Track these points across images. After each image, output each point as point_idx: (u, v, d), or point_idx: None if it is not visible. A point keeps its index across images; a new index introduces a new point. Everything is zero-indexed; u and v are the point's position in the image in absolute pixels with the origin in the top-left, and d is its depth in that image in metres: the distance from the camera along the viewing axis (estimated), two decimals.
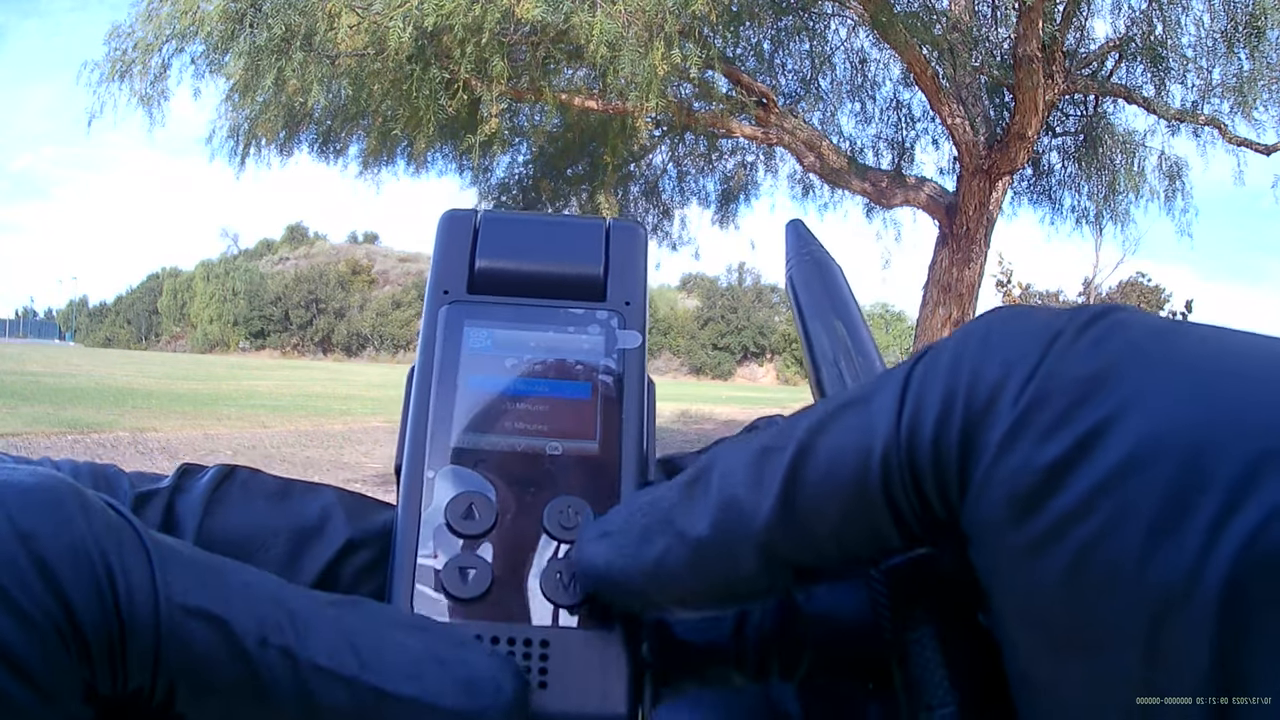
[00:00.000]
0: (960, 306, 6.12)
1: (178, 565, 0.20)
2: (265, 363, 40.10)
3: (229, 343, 56.91)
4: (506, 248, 0.30)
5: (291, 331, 57.13)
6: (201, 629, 0.19)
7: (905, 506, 0.19)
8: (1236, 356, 0.16)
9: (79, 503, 0.19)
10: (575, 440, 0.28)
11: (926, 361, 0.19)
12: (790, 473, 0.20)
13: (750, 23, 6.33)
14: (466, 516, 0.26)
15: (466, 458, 0.27)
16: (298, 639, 0.20)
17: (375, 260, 60.10)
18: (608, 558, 0.23)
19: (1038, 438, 0.17)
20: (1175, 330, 0.17)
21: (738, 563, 0.21)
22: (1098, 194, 7.10)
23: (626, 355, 0.29)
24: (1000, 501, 0.17)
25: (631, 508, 0.23)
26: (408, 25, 4.88)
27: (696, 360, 49.43)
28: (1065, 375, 0.17)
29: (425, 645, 0.22)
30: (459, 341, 0.29)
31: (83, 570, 0.18)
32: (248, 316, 56.62)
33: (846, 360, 0.27)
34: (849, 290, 0.29)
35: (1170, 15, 5.76)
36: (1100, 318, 0.18)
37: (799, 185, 8.08)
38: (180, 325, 61.01)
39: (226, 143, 6.70)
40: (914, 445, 0.19)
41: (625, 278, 0.30)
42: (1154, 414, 0.16)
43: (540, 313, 0.30)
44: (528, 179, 8.08)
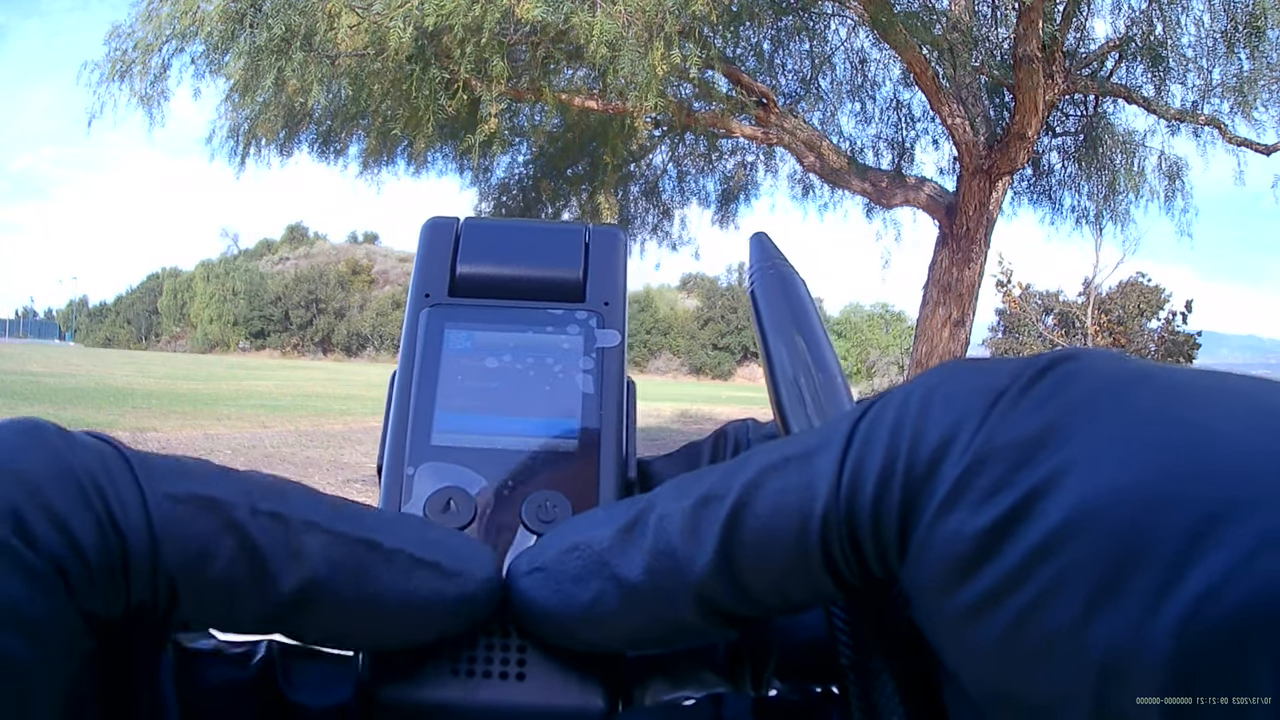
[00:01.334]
0: (960, 306, 6.12)
1: (162, 467, 0.20)
2: (265, 363, 40.09)
3: (229, 343, 56.90)
4: (487, 252, 0.31)
5: (291, 331, 57.11)
6: (192, 511, 0.20)
7: (844, 566, 0.19)
8: (1190, 411, 0.16)
9: (58, 432, 0.20)
10: (555, 438, 0.28)
11: (870, 419, 0.19)
12: (728, 526, 0.20)
13: (750, 23, 6.32)
14: (445, 510, 0.26)
15: (446, 454, 0.27)
16: (286, 504, 0.21)
17: (375, 260, 60.09)
18: (540, 596, 0.23)
19: (974, 503, 0.16)
20: (1126, 383, 0.17)
21: (674, 610, 0.21)
22: (1098, 194, 7.10)
23: (605, 354, 0.29)
24: (936, 567, 0.17)
25: (564, 543, 0.23)
26: (408, 25, 4.88)
27: (696, 360, 49.42)
28: (1005, 438, 0.17)
29: (410, 523, 0.23)
30: (440, 343, 0.29)
31: (74, 492, 0.19)
32: (248, 316, 56.59)
33: (806, 377, 0.27)
34: (812, 305, 0.29)
35: (1170, 15, 5.76)
36: (1046, 372, 0.17)
37: (799, 185, 8.08)
38: (180, 325, 60.99)
39: (226, 143, 6.71)
40: (854, 508, 0.18)
41: (604, 280, 0.31)
42: (1093, 478, 0.15)
43: (520, 314, 0.30)
44: (528, 179, 8.08)
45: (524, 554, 0.24)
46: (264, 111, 6.05)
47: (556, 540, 0.23)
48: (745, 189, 8.19)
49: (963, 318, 6.16)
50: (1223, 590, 0.13)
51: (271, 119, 6.17)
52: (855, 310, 45.69)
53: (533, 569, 0.23)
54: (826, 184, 7.21)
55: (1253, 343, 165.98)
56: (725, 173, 8.18)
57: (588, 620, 0.22)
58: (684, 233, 8.59)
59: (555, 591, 0.22)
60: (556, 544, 0.23)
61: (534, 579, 0.23)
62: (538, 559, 0.23)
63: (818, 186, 7.85)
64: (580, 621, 0.22)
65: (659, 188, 8.38)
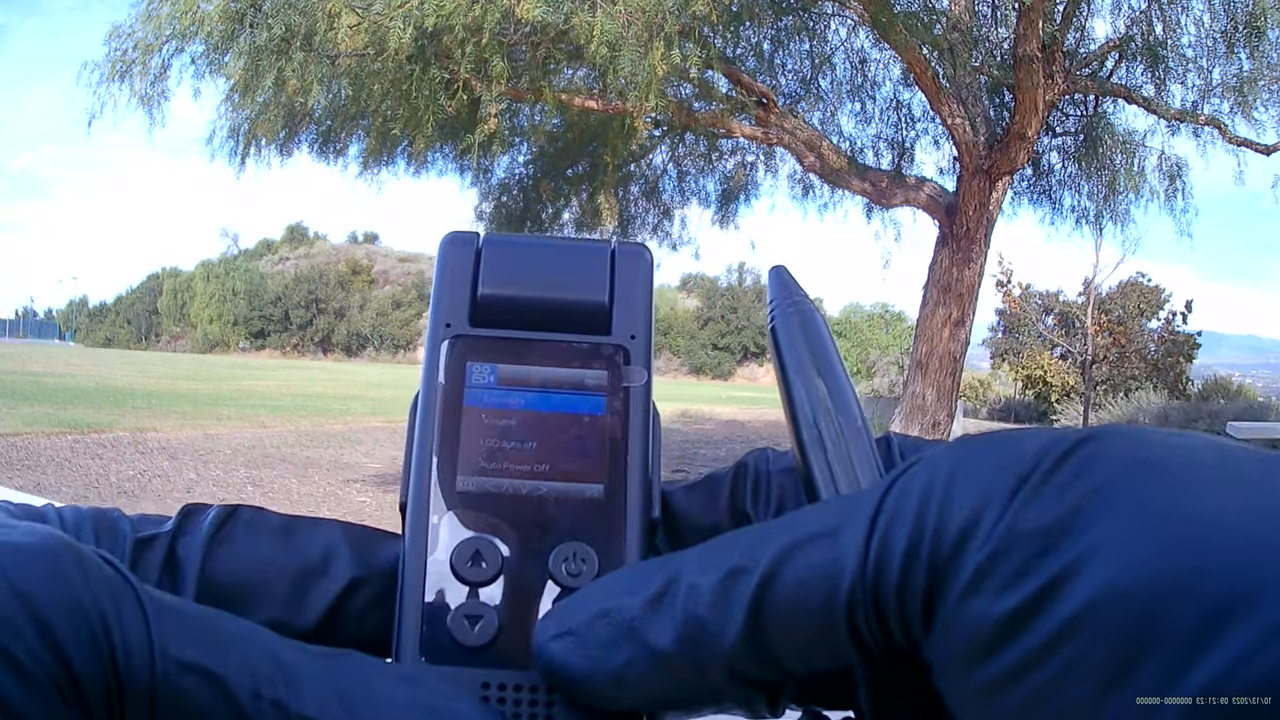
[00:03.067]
0: (960, 306, 6.12)
1: (173, 620, 0.20)
2: (265, 363, 40.09)
3: (229, 343, 56.89)
4: (509, 275, 0.30)
5: (291, 331, 57.10)
6: (197, 683, 0.20)
7: (868, 636, 0.20)
8: (1199, 505, 0.16)
9: (76, 561, 0.20)
10: (581, 483, 0.27)
11: (895, 496, 0.20)
12: (756, 599, 0.20)
13: (750, 23, 6.32)
14: (473, 563, 0.26)
15: (472, 502, 0.27)
16: (289, 691, 0.21)
17: (375, 260, 60.07)
18: (569, 660, 0.23)
19: (997, 589, 0.17)
20: (1148, 467, 0.17)
21: (703, 678, 0.21)
22: (1098, 194, 7.09)
23: (631, 393, 0.29)
24: (959, 645, 0.18)
25: (592, 608, 0.23)
26: (408, 25, 4.88)
27: (696, 360, 49.42)
28: (1028, 525, 0.17)
29: (414, 696, 0.22)
30: (462, 378, 0.29)
31: (80, 628, 0.19)
32: (248, 316, 56.59)
33: (827, 420, 0.27)
34: (833, 344, 0.29)
35: (1170, 15, 5.76)
36: (1069, 455, 0.18)
37: (799, 185, 8.08)
38: (180, 325, 60.98)
39: (226, 143, 6.70)
40: (880, 584, 0.19)
41: (630, 307, 0.30)
42: (1111, 565, 0.16)
43: (545, 347, 0.29)
44: (528, 179, 8.08)
45: (551, 616, 0.24)
46: (264, 111, 6.05)
47: (584, 605, 0.24)
48: (745, 189, 8.19)
49: (963, 318, 6.16)
50: (1230, 678, 0.14)
51: (271, 119, 6.17)
52: (855, 310, 45.67)
53: (562, 633, 0.24)
54: (826, 184, 7.21)
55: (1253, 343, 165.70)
56: (725, 173, 8.19)
57: (617, 685, 0.22)
58: (684, 233, 8.59)
59: (584, 657, 0.23)
60: (585, 608, 0.23)
61: (563, 644, 0.23)
62: (566, 622, 0.24)
63: (818, 186, 7.85)
64: (610, 685, 0.23)
65: (659, 188, 8.37)
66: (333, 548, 0.27)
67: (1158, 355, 16.18)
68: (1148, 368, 16.11)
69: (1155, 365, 16.09)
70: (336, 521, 0.28)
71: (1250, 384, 18.09)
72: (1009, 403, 19.33)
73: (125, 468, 7.06)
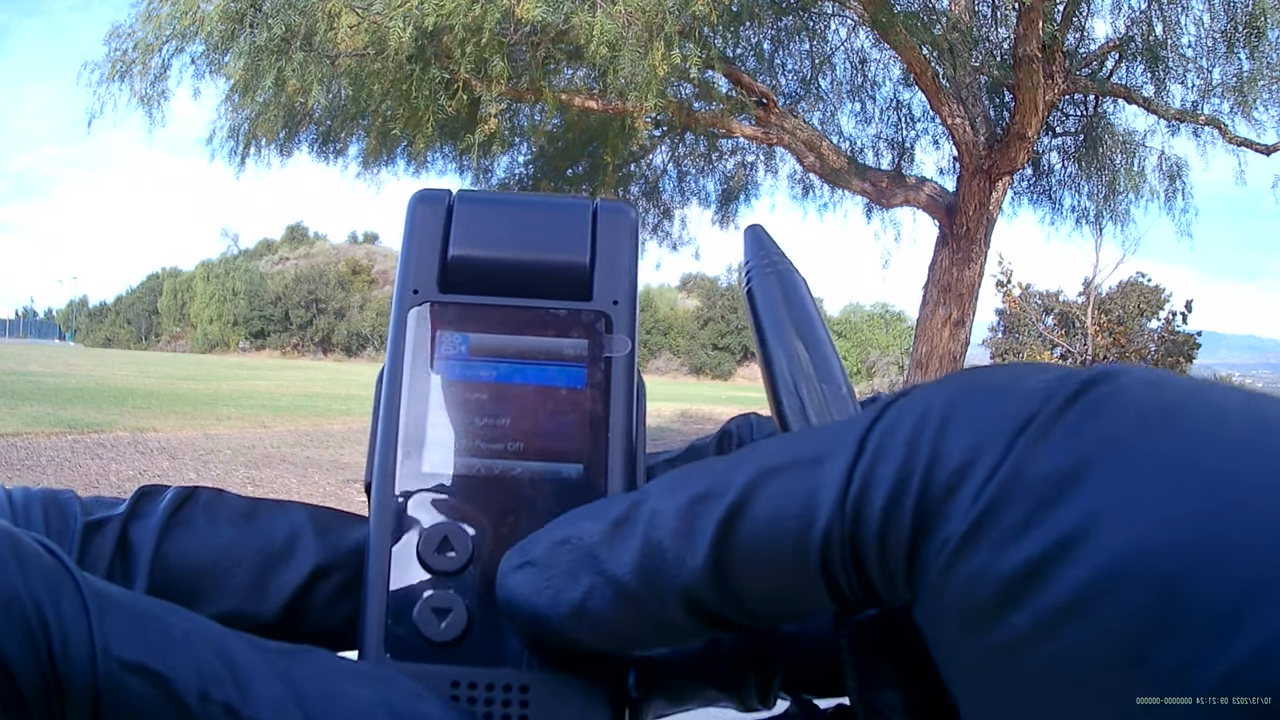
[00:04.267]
0: (960, 306, 6.12)
1: (117, 615, 0.19)
2: (265, 363, 40.09)
3: (229, 343, 56.90)
4: (482, 236, 0.27)
5: (291, 331, 57.11)
6: (141, 685, 0.19)
7: (844, 582, 0.18)
8: (1241, 449, 0.15)
9: (11, 548, 0.18)
10: (558, 462, 0.25)
11: (884, 426, 0.18)
12: (722, 529, 0.19)
13: (750, 23, 6.33)
14: (441, 550, 0.24)
15: (440, 484, 0.25)
16: (240, 694, 0.19)
17: (375, 260, 60.07)
18: (530, 592, 0.22)
19: (998, 542, 0.15)
20: (1170, 412, 0.15)
21: (662, 610, 0.20)
22: (1098, 194, 7.10)
23: (614, 364, 0.27)
24: (956, 607, 0.16)
25: (554, 536, 0.22)
26: (408, 25, 4.88)
27: (696, 360, 49.42)
28: (1034, 471, 0.15)
29: (377, 697, 0.21)
30: (431, 350, 0.26)
31: (15, 623, 0.17)
32: (248, 316, 56.60)
33: (807, 386, 0.25)
34: (814, 305, 0.27)
35: (1170, 15, 5.77)
36: (1081, 395, 0.16)
37: (799, 185, 8.09)
38: (180, 325, 60.99)
39: (226, 143, 6.71)
40: (859, 524, 0.17)
41: (613, 271, 0.28)
42: (1130, 527, 0.14)
43: (519, 315, 0.27)
44: (528, 179, 8.08)
45: (515, 548, 0.23)
46: (264, 111, 6.05)
47: (547, 534, 0.22)
48: (745, 189, 8.20)
49: (963, 318, 6.16)
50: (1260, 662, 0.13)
51: (271, 119, 6.18)
52: (855, 310, 45.68)
53: (523, 563, 0.22)
54: (826, 184, 7.22)
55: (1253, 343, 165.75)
56: (725, 173, 8.19)
57: (577, 618, 0.21)
58: (684, 233, 8.60)
59: (545, 587, 0.21)
60: (548, 537, 0.22)
61: (524, 574, 0.22)
62: (528, 552, 0.22)
63: (818, 186, 7.85)
64: (569, 619, 0.21)
65: (659, 188, 8.38)
66: (297, 532, 0.25)
67: (1158, 355, 16.18)
68: None
69: (1155, 365, 16.08)
70: (302, 504, 0.26)
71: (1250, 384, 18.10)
72: None
73: (125, 468, 7.06)
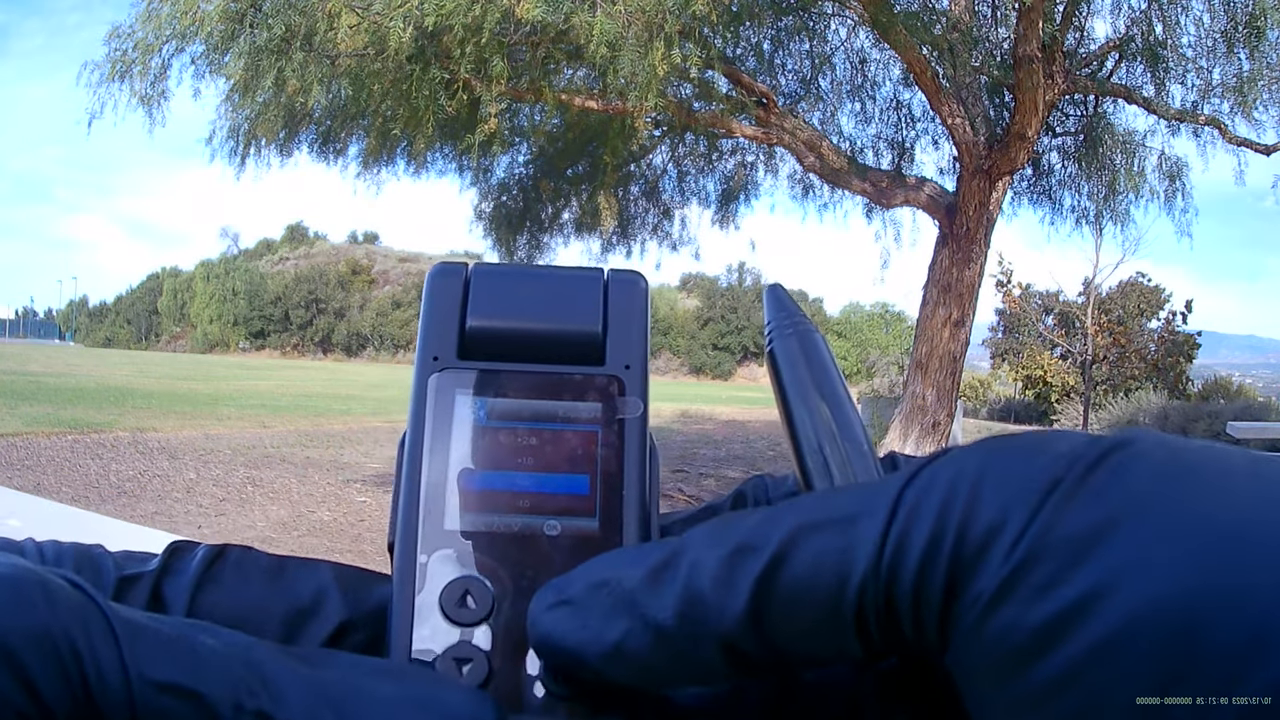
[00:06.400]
0: (960, 306, 6.12)
1: (146, 640, 0.20)
2: (265, 363, 40.10)
3: (229, 343, 56.90)
4: (498, 306, 0.29)
5: (291, 331, 57.11)
6: (175, 703, 0.19)
7: (875, 632, 0.19)
8: (1250, 506, 0.16)
9: (40, 587, 0.19)
10: (574, 519, 0.27)
11: (917, 489, 0.19)
12: (762, 581, 0.20)
13: (750, 23, 6.33)
14: (461, 603, 0.25)
15: (460, 540, 0.26)
16: (272, 701, 0.20)
17: (375, 260, 60.07)
18: (565, 631, 0.23)
19: (1029, 597, 0.17)
20: (1184, 474, 0.17)
21: (699, 654, 0.21)
22: (1098, 194, 7.10)
23: (627, 425, 0.28)
24: (987, 657, 0.17)
25: (591, 578, 0.23)
26: (408, 25, 4.88)
27: (696, 360, 49.43)
28: (1061, 532, 0.17)
29: (401, 690, 0.22)
30: (450, 413, 0.28)
31: (48, 657, 0.18)
32: (248, 316, 56.60)
33: (831, 445, 0.26)
34: (834, 365, 0.28)
35: (1170, 15, 5.77)
36: (1103, 460, 0.17)
37: (799, 185, 8.09)
38: (180, 325, 61.00)
39: (226, 143, 6.71)
40: (894, 581, 0.18)
41: (625, 337, 0.29)
42: (1149, 582, 0.16)
43: (535, 380, 0.28)
44: (528, 179, 8.08)
45: (549, 588, 0.23)
46: (264, 111, 6.05)
47: (583, 576, 0.23)
48: (745, 189, 8.20)
49: (963, 318, 6.16)
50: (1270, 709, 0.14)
51: (271, 119, 6.17)
52: (855, 310, 45.70)
53: (559, 602, 0.23)
54: (826, 184, 7.22)
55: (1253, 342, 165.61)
56: (725, 173, 8.19)
57: (613, 658, 0.22)
58: (684, 233, 8.60)
59: (581, 627, 0.22)
60: (584, 578, 0.23)
61: (560, 613, 0.23)
62: (564, 592, 0.23)
63: (818, 186, 7.86)
64: (605, 659, 0.22)
65: (659, 188, 8.38)
66: (323, 589, 0.27)
67: (1158, 355, 16.19)
68: (1148, 368, 16.12)
69: (1155, 365, 16.10)
70: (327, 562, 0.28)
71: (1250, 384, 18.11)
72: (1009, 403, 19.33)
73: (125, 468, 7.06)
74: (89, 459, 7.35)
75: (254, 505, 5.96)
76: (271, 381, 20.83)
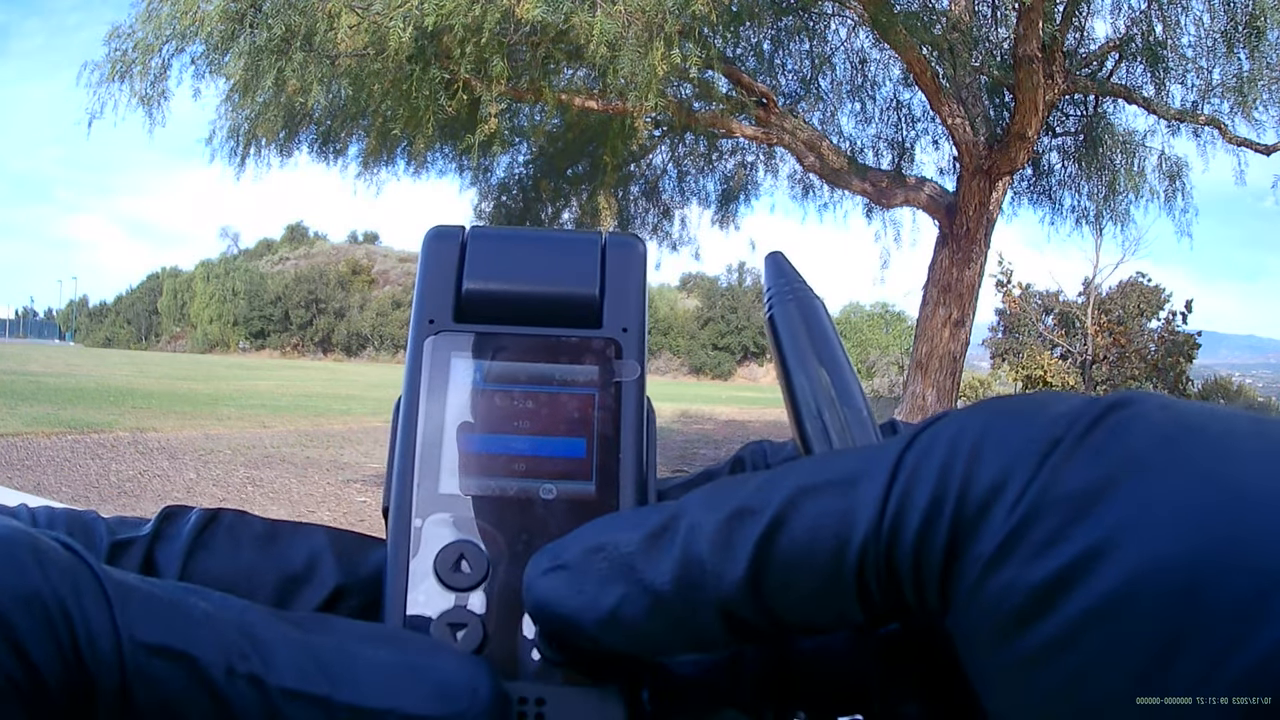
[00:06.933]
0: (960, 306, 6.12)
1: (138, 602, 0.19)
2: (265, 363, 40.11)
3: (229, 343, 56.91)
4: (495, 269, 0.29)
5: (291, 331, 57.12)
6: (167, 666, 0.19)
7: (876, 595, 0.19)
8: (1241, 472, 0.16)
9: (31, 548, 0.19)
10: (570, 482, 0.26)
11: (917, 451, 0.19)
12: (761, 544, 0.19)
13: (750, 23, 6.33)
14: (456, 567, 0.25)
15: (455, 504, 0.26)
16: (264, 665, 0.20)
17: (375, 260, 60.08)
18: (561, 596, 0.22)
19: (1029, 556, 0.16)
20: (1185, 433, 0.17)
21: (697, 620, 0.20)
22: (1098, 194, 7.10)
23: (624, 388, 0.27)
24: (987, 616, 0.17)
25: (587, 542, 0.22)
26: (408, 25, 4.89)
27: (696, 360, 49.43)
28: (1061, 490, 0.17)
29: (396, 656, 0.21)
30: (446, 376, 0.27)
31: (38, 619, 0.18)
32: (248, 316, 56.60)
33: (830, 411, 0.26)
34: (834, 331, 0.28)
35: (1170, 15, 5.77)
36: (1103, 419, 0.17)
37: (799, 185, 8.09)
38: (180, 325, 61.01)
39: (226, 143, 6.71)
40: (895, 541, 0.18)
41: (623, 300, 0.28)
42: (1151, 539, 0.15)
43: (531, 342, 0.28)
44: (528, 179, 8.08)
45: (543, 553, 0.23)
46: (264, 111, 6.05)
47: (580, 539, 0.23)
48: (745, 189, 8.20)
49: (963, 318, 6.16)
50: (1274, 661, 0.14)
51: (271, 119, 6.17)
52: (855, 310, 45.68)
53: (554, 567, 0.23)
54: (826, 184, 7.22)
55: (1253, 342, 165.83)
56: (725, 173, 8.19)
57: (608, 624, 0.22)
58: (684, 233, 8.60)
59: (577, 592, 0.22)
60: (580, 543, 0.23)
61: (555, 577, 0.22)
62: (560, 556, 0.23)
63: (818, 186, 7.86)
64: (601, 624, 0.22)
65: (659, 188, 8.38)
66: (317, 554, 0.26)
67: (1158, 355, 16.19)
68: (1148, 368, 16.13)
69: (1155, 365, 16.10)
70: (322, 527, 0.27)
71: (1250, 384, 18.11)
72: None
73: (125, 468, 7.06)
74: (89, 459, 7.35)
75: (254, 505, 5.96)
76: (271, 381, 20.83)
